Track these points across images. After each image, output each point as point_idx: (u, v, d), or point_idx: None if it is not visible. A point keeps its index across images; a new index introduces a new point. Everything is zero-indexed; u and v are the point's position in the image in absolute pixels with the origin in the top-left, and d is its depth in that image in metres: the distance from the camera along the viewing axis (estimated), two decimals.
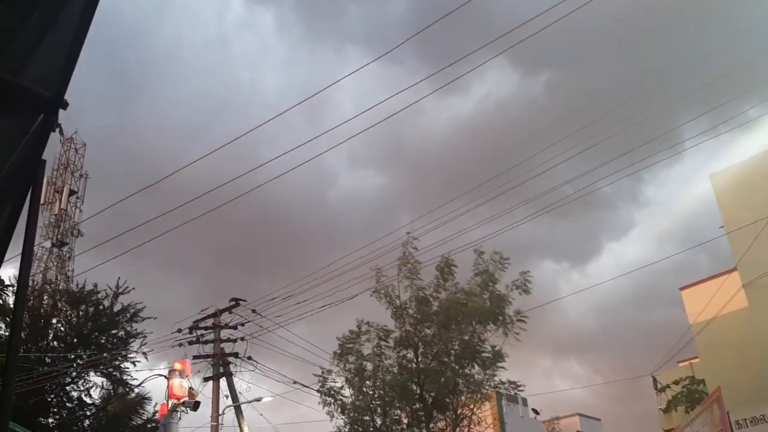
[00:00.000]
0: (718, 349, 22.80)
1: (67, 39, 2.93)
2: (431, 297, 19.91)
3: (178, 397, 14.70)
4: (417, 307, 19.82)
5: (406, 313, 19.94)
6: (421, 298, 19.81)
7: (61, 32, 2.91)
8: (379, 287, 19.98)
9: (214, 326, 22.20)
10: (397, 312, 19.90)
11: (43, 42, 2.88)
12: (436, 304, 19.83)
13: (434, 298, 19.94)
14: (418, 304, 19.80)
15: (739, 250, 19.87)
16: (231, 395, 21.35)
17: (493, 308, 19.38)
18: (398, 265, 19.99)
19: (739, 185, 20.47)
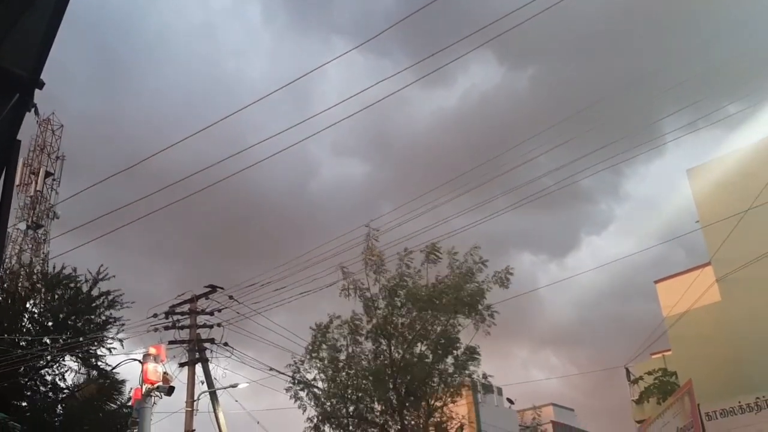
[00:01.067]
0: (690, 342, 23.15)
1: (43, 19, 2.89)
2: (405, 284, 19.89)
3: (153, 381, 14.59)
4: (387, 300, 19.84)
5: (375, 306, 19.97)
6: (391, 288, 19.81)
7: (38, 13, 2.86)
8: (348, 284, 19.93)
9: (191, 312, 22.10)
10: (367, 305, 19.91)
11: (19, 22, 2.83)
12: (412, 285, 19.84)
13: (415, 280, 19.92)
14: (389, 296, 19.81)
15: (713, 244, 20.14)
16: (206, 381, 21.31)
17: (470, 301, 19.47)
18: (363, 259, 19.96)
19: (715, 181, 20.72)
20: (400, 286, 19.84)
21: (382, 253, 19.91)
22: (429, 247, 19.95)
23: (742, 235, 18.94)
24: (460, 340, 20.11)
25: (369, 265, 19.89)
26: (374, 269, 19.90)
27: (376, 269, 19.92)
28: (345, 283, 19.88)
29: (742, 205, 18.99)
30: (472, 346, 20.06)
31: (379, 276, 19.94)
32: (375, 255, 19.83)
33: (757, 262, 18.38)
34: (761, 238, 18.68)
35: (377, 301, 20.02)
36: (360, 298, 19.99)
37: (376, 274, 19.93)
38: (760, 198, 18.50)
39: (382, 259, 19.88)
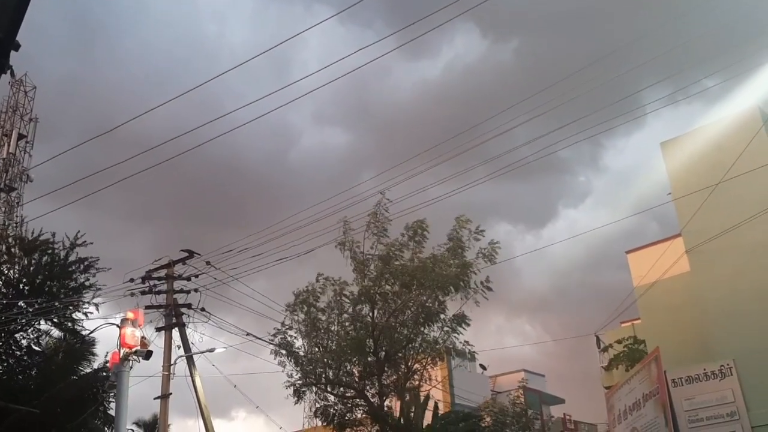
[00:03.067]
0: (659, 312, 23.73)
1: None
2: (396, 255, 20.02)
3: (130, 346, 14.65)
4: (381, 263, 19.96)
5: (367, 268, 20.09)
6: (386, 256, 19.95)
7: None
8: (346, 239, 20.06)
9: (167, 277, 22.12)
10: (359, 266, 20.03)
11: None
12: (399, 263, 19.98)
13: (399, 257, 20.05)
14: (382, 261, 19.94)
15: (684, 216, 20.53)
16: (183, 346, 21.43)
17: (458, 276, 19.60)
18: (368, 222, 20.05)
19: (688, 154, 21.03)
20: (395, 257, 19.95)
21: (387, 219, 20.01)
22: (416, 223, 20.07)
23: (713, 208, 19.33)
24: (446, 312, 20.26)
25: (371, 229, 20.01)
26: (376, 233, 20.01)
27: (378, 233, 20.04)
28: (345, 237, 20.01)
29: (713, 179, 19.34)
30: (461, 315, 20.22)
31: (378, 241, 20.07)
32: (380, 220, 19.94)
33: (726, 234, 18.80)
34: (731, 211, 19.08)
35: (369, 265, 20.16)
36: (353, 258, 20.12)
37: (377, 237, 20.06)
38: (730, 172, 18.84)
39: (383, 227, 19.99)
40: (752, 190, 18.87)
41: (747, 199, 18.95)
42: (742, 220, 18.57)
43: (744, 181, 18.64)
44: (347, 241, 20.03)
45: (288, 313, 20.75)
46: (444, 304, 20.04)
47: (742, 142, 19.04)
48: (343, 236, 20.01)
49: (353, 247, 20.01)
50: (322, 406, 20.89)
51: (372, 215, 19.92)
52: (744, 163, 18.70)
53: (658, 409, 19.33)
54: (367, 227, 19.98)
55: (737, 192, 18.97)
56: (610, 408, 24.36)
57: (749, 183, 18.67)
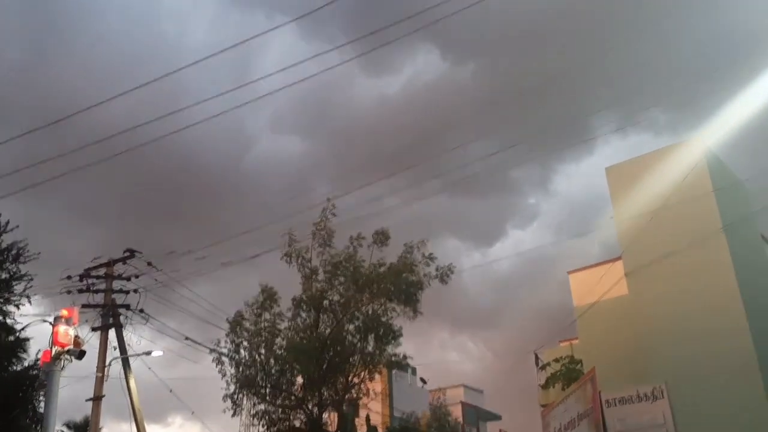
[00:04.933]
0: (597, 332, 24.23)
1: None
2: (345, 264, 19.98)
3: (63, 344, 14.21)
4: (332, 269, 19.90)
5: (315, 276, 20.00)
6: (335, 264, 19.90)
7: None
8: (291, 251, 19.93)
9: (107, 276, 21.56)
10: (307, 276, 19.93)
11: None
12: (346, 271, 19.94)
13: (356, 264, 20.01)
14: (334, 267, 19.89)
15: (625, 240, 21.12)
16: (119, 347, 20.88)
17: (406, 290, 19.72)
18: (313, 231, 19.98)
19: (631, 180, 21.65)
20: (343, 265, 19.91)
21: (331, 229, 19.96)
22: (378, 232, 20.14)
23: (652, 233, 19.94)
24: (390, 324, 20.35)
25: (317, 237, 19.91)
26: (321, 243, 19.92)
27: (323, 243, 19.95)
28: (290, 249, 19.86)
29: (654, 205, 19.98)
30: (396, 328, 20.34)
31: (324, 249, 19.99)
32: (326, 229, 19.85)
33: (664, 259, 19.41)
34: (669, 237, 19.72)
35: (317, 274, 20.06)
36: (300, 267, 19.98)
37: (322, 248, 19.97)
38: (671, 199, 19.52)
39: (330, 234, 19.92)
40: (690, 218, 19.56)
41: (685, 227, 19.62)
42: (679, 246, 19.20)
43: (683, 209, 19.34)
44: (293, 252, 19.92)
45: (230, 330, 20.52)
46: (392, 312, 20.15)
47: (684, 171, 19.74)
48: (288, 248, 19.90)
49: (302, 254, 19.92)
50: (262, 411, 20.65)
51: (317, 224, 19.89)
52: (684, 191, 19.40)
53: (592, 429, 19.67)
54: (313, 236, 19.94)
55: (676, 219, 19.64)
56: (546, 426, 24.68)
57: (688, 211, 19.37)
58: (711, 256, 19.13)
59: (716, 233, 19.13)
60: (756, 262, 21.68)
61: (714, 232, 19.12)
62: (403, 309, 20.10)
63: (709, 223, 19.31)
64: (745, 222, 20.63)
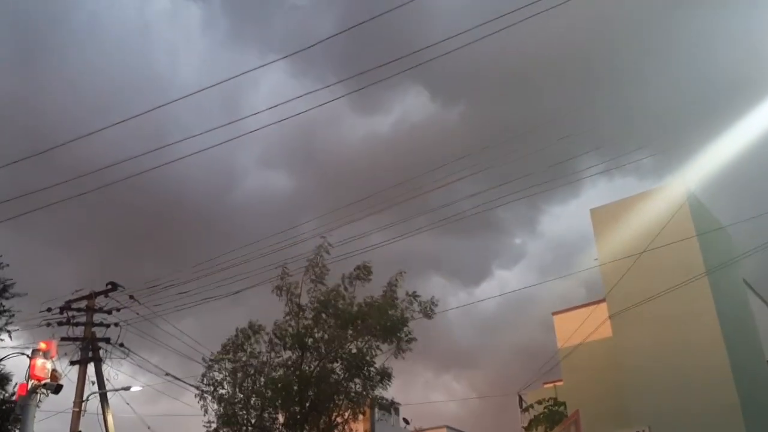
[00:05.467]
0: (581, 374, 24.17)
1: None
2: (334, 301, 19.87)
3: (39, 378, 13.96)
4: (319, 306, 19.77)
5: (303, 312, 19.86)
6: (323, 301, 19.77)
7: None
8: (283, 284, 19.82)
9: (87, 309, 21.27)
10: (295, 312, 19.79)
11: None
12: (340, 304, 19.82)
13: (340, 299, 19.91)
14: (321, 304, 19.75)
15: (609, 282, 21.21)
16: (97, 382, 20.51)
17: (391, 327, 19.64)
18: (306, 267, 19.87)
19: (615, 222, 21.86)
20: (331, 303, 19.78)
21: (325, 266, 19.85)
22: (360, 266, 20.09)
23: (636, 276, 20.07)
24: (375, 363, 20.19)
25: (309, 273, 19.80)
26: (314, 279, 19.82)
27: (316, 280, 19.85)
28: (282, 283, 19.74)
29: (638, 248, 20.15)
30: (386, 369, 20.14)
31: (316, 286, 19.88)
32: (320, 266, 19.76)
33: (647, 302, 19.50)
34: (653, 280, 19.83)
35: (305, 311, 19.91)
36: (289, 302, 19.85)
37: (314, 284, 19.86)
38: (654, 243, 19.70)
39: (324, 271, 19.81)
40: (674, 261, 19.71)
41: (668, 270, 19.76)
42: (662, 289, 19.31)
43: (666, 253, 19.50)
44: (284, 286, 19.82)
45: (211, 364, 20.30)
46: (377, 349, 19.97)
47: (667, 215, 19.97)
48: (280, 281, 19.80)
49: (291, 289, 19.81)
50: None
51: (311, 260, 19.82)
52: (667, 235, 19.60)
53: None
54: (306, 271, 19.85)
55: (659, 262, 19.79)
56: None
57: (671, 254, 19.53)
58: (694, 301, 19.25)
59: (699, 277, 19.27)
60: (738, 307, 21.84)
61: (697, 276, 19.26)
62: (387, 347, 19.95)
63: (692, 268, 19.48)
64: (728, 267, 20.81)
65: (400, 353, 19.87)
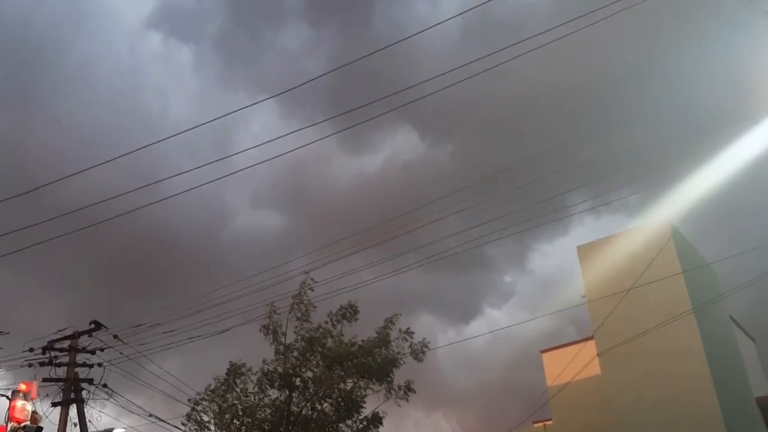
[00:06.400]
0: (570, 413, 24.01)
1: None
2: (321, 338, 19.62)
3: (19, 420, 13.76)
4: (305, 347, 19.50)
5: (289, 351, 19.60)
6: (310, 339, 19.51)
7: None
8: (270, 323, 19.56)
9: (70, 349, 20.93)
10: (282, 351, 19.53)
11: None
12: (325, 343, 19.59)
13: (326, 337, 19.66)
14: (308, 345, 19.49)
15: (597, 320, 21.22)
16: (80, 423, 20.07)
17: (382, 368, 19.40)
18: (291, 304, 19.62)
19: (602, 259, 21.97)
20: (317, 341, 19.50)
21: (311, 303, 19.61)
22: (346, 306, 19.87)
23: (624, 313, 20.11)
24: (365, 405, 19.84)
25: (295, 311, 19.55)
26: (299, 317, 19.56)
27: (301, 317, 19.59)
28: (269, 321, 19.46)
29: (625, 285, 20.22)
30: (378, 414, 19.77)
31: (302, 324, 19.62)
32: (305, 303, 19.52)
33: (635, 339, 19.51)
34: (640, 317, 19.89)
35: (292, 350, 19.64)
36: (274, 342, 19.58)
37: (300, 322, 19.61)
38: (641, 280, 19.79)
39: (310, 309, 19.57)
40: (660, 298, 19.81)
41: (655, 307, 19.84)
42: (650, 326, 19.35)
43: (653, 290, 19.58)
44: (271, 325, 19.57)
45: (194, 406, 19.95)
46: (366, 390, 19.66)
47: (652, 252, 20.11)
48: (267, 320, 19.55)
49: (277, 328, 19.56)
50: None
51: (296, 297, 19.61)
52: (654, 272, 19.70)
53: None
54: (291, 309, 19.62)
55: (647, 299, 19.86)
56: None
57: (658, 291, 19.62)
58: (682, 337, 19.31)
59: (686, 314, 19.36)
60: (726, 344, 21.92)
61: (684, 313, 19.35)
62: (377, 387, 19.65)
63: (679, 304, 19.57)
64: (715, 303, 20.94)
65: (395, 400, 19.56)
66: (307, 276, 19.55)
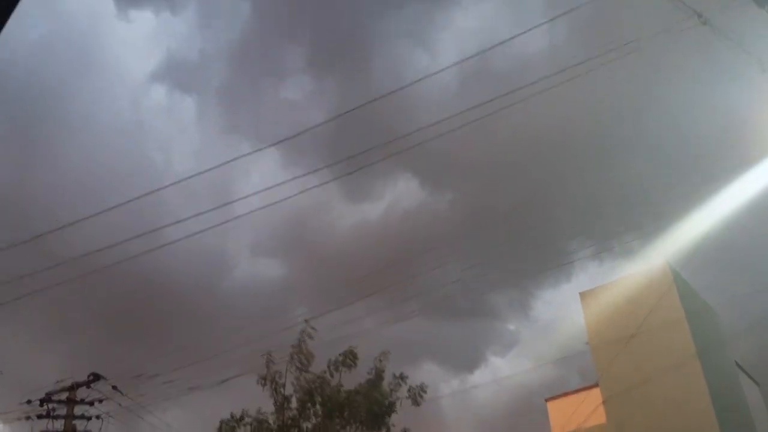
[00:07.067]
0: None
1: None
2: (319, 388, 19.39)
3: None
4: (305, 396, 19.24)
5: (288, 402, 19.33)
6: (308, 389, 19.26)
7: None
8: (268, 374, 19.32)
9: (69, 401, 20.68)
10: (280, 401, 19.25)
11: None
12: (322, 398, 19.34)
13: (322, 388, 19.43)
14: (307, 393, 19.23)
15: (601, 366, 20.98)
16: None
17: (378, 412, 19.15)
18: (291, 353, 19.40)
19: (604, 305, 21.84)
20: (317, 391, 19.26)
21: (311, 353, 19.40)
22: (346, 352, 19.68)
23: (627, 360, 19.91)
24: None
25: (294, 360, 19.32)
26: (299, 366, 19.33)
27: (301, 367, 19.36)
28: (267, 372, 19.21)
29: (628, 330, 20.08)
30: None
31: (301, 374, 19.37)
32: (304, 353, 19.31)
33: (641, 386, 19.26)
34: (644, 363, 19.68)
35: (291, 401, 19.36)
36: (274, 392, 19.30)
37: (299, 371, 19.36)
38: (645, 324, 19.65)
39: (309, 358, 19.35)
40: (664, 343, 19.63)
41: (659, 352, 19.65)
42: (655, 373, 19.13)
43: (656, 335, 19.43)
44: (269, 375, 19.33)
45: None
46: None
47: (654, 297, 20.02)
48: (266, 371, 19.32)
49: (276, 379, 19.31)
50: None
51: (295, 346, 19.42)
52: (657, 316, 19.58)
53: None
54: (290, 359, 19.39)
55: (650, 345, 19.68)
56: None
57: (661, 337, 19.47)
58: (686, 383, 19.06)
59: (691, 359, 19.16)
60: (730, 388, 21.63)
61: (688, 358, 19.16)
62: None
63: (683, 349, 19.39)
64: (718, 348, 20.76)
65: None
66: (306, 324, 19.41)
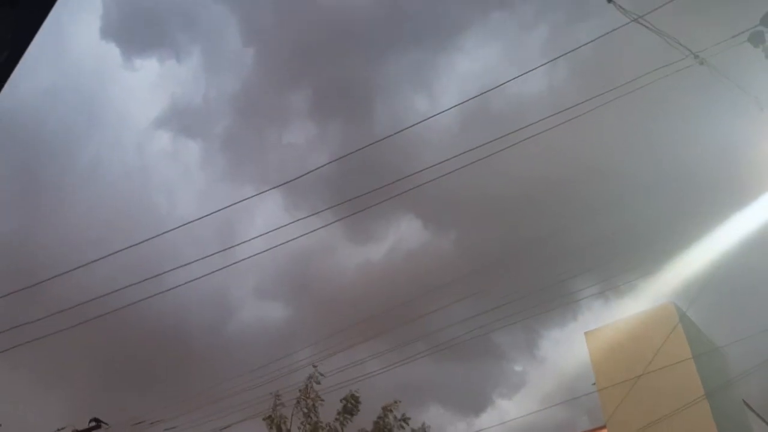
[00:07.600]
0: None
1: None
2: None
3: None
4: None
5: None
6: None
7: None
8: (275, 414, 19.09)
9: None
10: None
11: None
12: None
13: None
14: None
15: (608, 408, 20.67)
16: None
17: None
18: (298, 398, 19.19)
19: (609, 345, 21.63)
20: None
21: (318, 397, 19.18)
22: (348, 397, 19.46)
23: (635, 401, 19.62)
24: None
25: (301, 405, 19.09)
26: (305, 411, 19.09)
27: (308, 412, 19.12)
28: (274, 413, 18.97)
29: (634, 370, 19.84)
30: None
31: (308, 420, 19.11)
32: (312, 398, 19.09)
33: (648, 428, 18.95)
34: (651, 404, 19.39)
35: None
36: None
37: (306, 417, 19.11)
38: (652, 364, 19.43)
39: (316, 403, 19.13)
40: (671, 384, 19.37)
41: (667, 394, 19.37)
42: (662, 414, 18.85)
43: (663, 376, 19.19)
44: (275, 416, 19.09)
45: None
46: None
47: (660, 336, 19.84)
48: (271, 410, 19.10)
49: (280, 423, 19.06)
50: None
51: (302, 391, 19.21)
52: (663, 356, 19.37)
53: None
54: (297, 402, 19.17)
55: (657, 386, 19.42)
56: None
57: (668, 377, 19.22)
58: (695, 425, 18.74)
59: (699, 400, 18.89)
60: (740, 429, 21.26)
61: (696, 399, 18.89)
62: None
63: (691, 390, 19.12)
64: (726, 388, 20.47)
65: None
66: (315, 370, 19.22)
